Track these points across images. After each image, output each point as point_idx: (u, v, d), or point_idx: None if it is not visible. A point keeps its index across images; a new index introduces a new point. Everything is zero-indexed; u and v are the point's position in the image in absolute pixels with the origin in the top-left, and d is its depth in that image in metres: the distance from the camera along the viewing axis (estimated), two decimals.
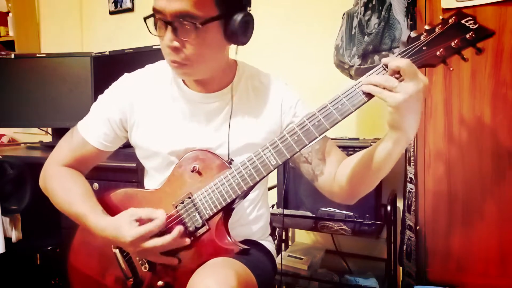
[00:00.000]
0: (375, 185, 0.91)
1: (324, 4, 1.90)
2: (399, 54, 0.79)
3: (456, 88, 1.19)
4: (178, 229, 0.90)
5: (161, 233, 0.90)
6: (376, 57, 1.39)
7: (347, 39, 1.48)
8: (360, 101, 0.80)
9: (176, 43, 0.86)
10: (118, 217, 0.92)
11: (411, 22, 1.33)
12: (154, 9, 0.86)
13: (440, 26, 0.79)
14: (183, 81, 1.02)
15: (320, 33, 1.91)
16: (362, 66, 1.41)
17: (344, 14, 1.53)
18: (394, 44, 1.36)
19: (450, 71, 1.18)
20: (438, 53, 0.78)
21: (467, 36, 0.77)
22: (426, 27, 0.79)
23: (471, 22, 0.78)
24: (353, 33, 1.47)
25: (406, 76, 0.74)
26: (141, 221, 0.90)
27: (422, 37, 0.79)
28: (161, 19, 0.86)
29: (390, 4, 1.36)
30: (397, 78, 0.76)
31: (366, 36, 1.41)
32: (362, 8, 1.44)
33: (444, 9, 1.16)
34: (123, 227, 0.89)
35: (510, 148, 1.14)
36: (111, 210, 0.99)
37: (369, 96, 0.79)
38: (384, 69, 0.79)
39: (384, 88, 0.76)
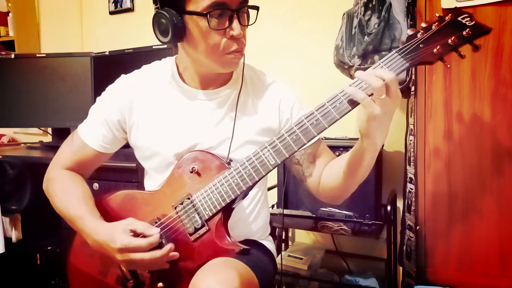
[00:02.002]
0: (353, 189, 0.95)
1: (324, 4, 1.90)
2: (396, 51, 0.80)
3: (456, 88, 1.19)
4: (169, 246, 0.90)
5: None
6: (376, 57, 1.39)
7: (347, 39, 1.48)
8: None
9: (241, 32, 0.90)
10: (114, 223, 0.92)
11: (411, 22, 1.33)
12: (216, 3, 0.86)
13: (436, 23, 0.79)
14: (182, 79, 1.02)
15: (320, 33, 1.91)
16: (362, 66, 1.41)
17: (344, 14, 1.53)
18: (394, 44, 1.36)
19: (450, 71, 1.18)
20: (435, 50, 0.78)
21: (464, 33, 0.78)
22: (423, 24, 0.80)
23: (468, 19, 0.78)
24: (353, 33, 1.47)
25: (389, 90, 0.76)
26: (135, 234, 0.90)
27: (419, 35, 0.79)
28: (227, 8, 0.87)
29: (390, 4, 1.36)
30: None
31: (366, 36, 1.41)
32: (362, 8, 1.44)
33: (444, 9, 1.16)
34: (116, 233, 0.89)
35: (510, 148, 1.14)
36: (110, 211, 0.99)
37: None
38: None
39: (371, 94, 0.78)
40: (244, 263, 0.91)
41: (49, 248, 1.91)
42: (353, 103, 0.80)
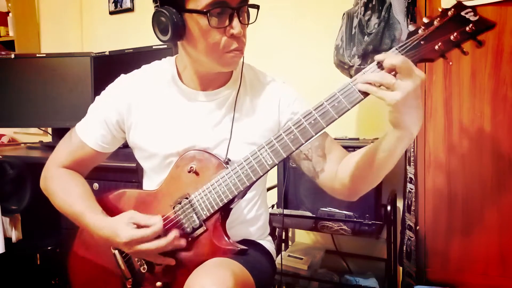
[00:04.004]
0: (378, 183, 0.90)
1: (324, 4, 1.90)
2: (396, 48, 0.77)
3: (456, 88, 1.19)
4: (174, 233, 0.90)
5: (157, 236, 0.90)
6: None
7: (347, 39, 1.48)
8: (356, 98, 0.79)
9: (241, 30, 0.89)
10: (116, 217, 0.93)
11: (411, 22, 1.33)
12: (217, 1, 0.85)
13: (438, 19, 0.76)
14: (181, 79, 1.02)
15: (320, 33, 1.91)
16: (362, 66, 1.41)
17: (344, 14, 1.53)
18: (394, 44, 1.35)
19: (450, 71, 1.18)
20: (436, 47, 0.75)
21: (467, 28, 0.74)
22: (425, 20, 0.77)
23: (471, 13, 0.75)
24: (353, 33, 1.47)
25: (403, 74, 0.72)
26: (138, 226, 0.91)
27: (420, 31, 0.77)
28: (227, 6, 0.87)
29: (390, 4, 1.36)
30: (394, 75, 0.74)
31: (366, 36, 1.41)
32: (362, 8, 1.44)
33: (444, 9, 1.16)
34: (120, 227, 0.90)
35: (510, 148, 1.14)
36: (110, 211, 0.99)
37: (366, 93, 0.78)
38: (379, 66, 0.77)
39: (380, 86, 0.75)
40: (241, 263, 0.91)
41: (49, 248, 1.91)
42: (351, 102, 0.79)
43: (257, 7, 0.93)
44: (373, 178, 0.89)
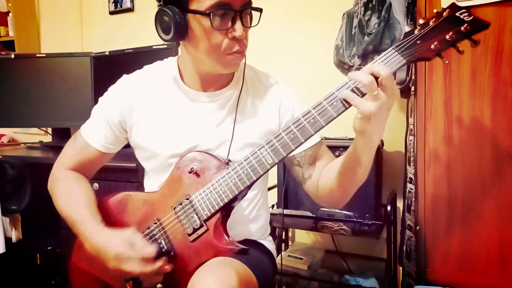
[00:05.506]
0: (354, 191, 0.93)
1: (324, 4, 1.90)
2: (393, 48, 0.79)
3: (456, 88, 1.19)
4: (161, 263, 0.89)
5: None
6: (376, 57, 1.39)
7: (347, 39, 1.48)
8: None
9: (243, 33, 0.89)
10: (116, 231, 0.92)
11: (411, 22, 1.33)
12: (220, 4, 0.86)
13: (434, 19, 0.78)
14: (183, 80, 1.02)
15: (320, 33, 1.91)
16: (362, 66, 1.41)
17: (344, 14, 1.54)
18: (394, 44, 1.36)
19: (450, 71, 1.18)
20: (432, 46, 0.77)
21: (462, 28, 0.77)
22: (421, 21, 0.79)
23: (466, 14, 0.78)
24: (353, 33, 1.47)
25: (384, 84, 0.74)
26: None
27: (416, 31, 0.79)
28: (230, 8, 0.87)
29: (390, 4, 1.37)
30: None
31: (366, 36, 1.41)
32: (362, 8, 1.44)
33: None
34: (114, 240, 0.89)
35: (510, 147, 1.14)
36: (110, 213, 0.99)
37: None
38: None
39: (361, 93, 0.77)
40: (243, 262, 0.91)
41: (49, 248, 1.91)
42: (348, 102, 0.80)
43: (260, 10, 0.93)
44: (348, 187, 0.91)
